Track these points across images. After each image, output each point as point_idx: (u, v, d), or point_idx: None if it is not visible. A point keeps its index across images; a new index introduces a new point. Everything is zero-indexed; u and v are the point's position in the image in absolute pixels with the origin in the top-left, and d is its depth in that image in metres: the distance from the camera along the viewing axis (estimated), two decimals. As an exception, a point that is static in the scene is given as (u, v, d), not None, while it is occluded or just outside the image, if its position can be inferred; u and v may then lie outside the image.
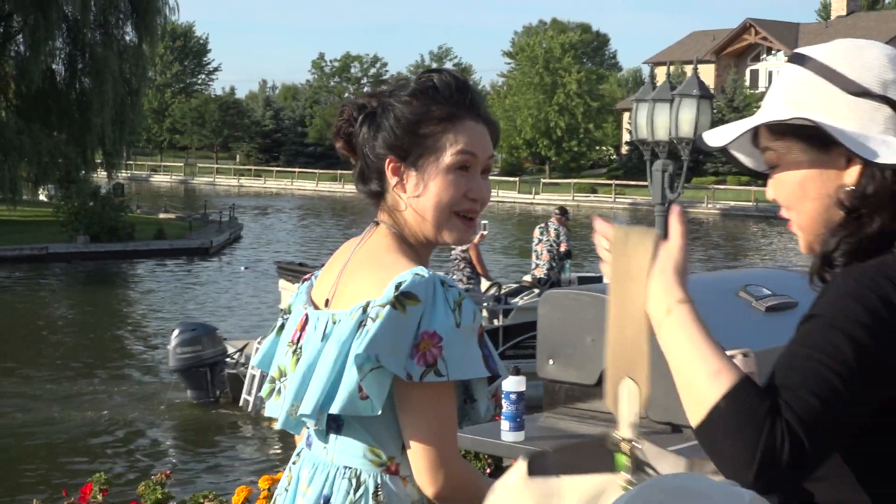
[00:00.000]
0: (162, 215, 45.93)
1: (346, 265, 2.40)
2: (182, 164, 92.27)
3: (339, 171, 77.21)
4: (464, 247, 15.00)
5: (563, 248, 17.47)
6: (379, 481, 2.31)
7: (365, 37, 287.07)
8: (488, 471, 5.98)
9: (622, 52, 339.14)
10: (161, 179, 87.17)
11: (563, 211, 18.31)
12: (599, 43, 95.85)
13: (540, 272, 17.43)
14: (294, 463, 2.48)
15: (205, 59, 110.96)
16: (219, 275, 31.64)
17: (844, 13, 79.69)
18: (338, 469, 2.35)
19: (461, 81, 2.40)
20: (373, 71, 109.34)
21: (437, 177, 2.33)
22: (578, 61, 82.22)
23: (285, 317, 2.54)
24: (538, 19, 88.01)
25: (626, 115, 61.78)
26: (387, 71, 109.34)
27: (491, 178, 2.49)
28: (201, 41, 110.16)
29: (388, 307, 2.20)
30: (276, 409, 2.43)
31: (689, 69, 15.94)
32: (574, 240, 19.17)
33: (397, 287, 2.21)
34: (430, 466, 2.24)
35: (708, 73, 73.52)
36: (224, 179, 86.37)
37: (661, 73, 56.96)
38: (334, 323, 2.30)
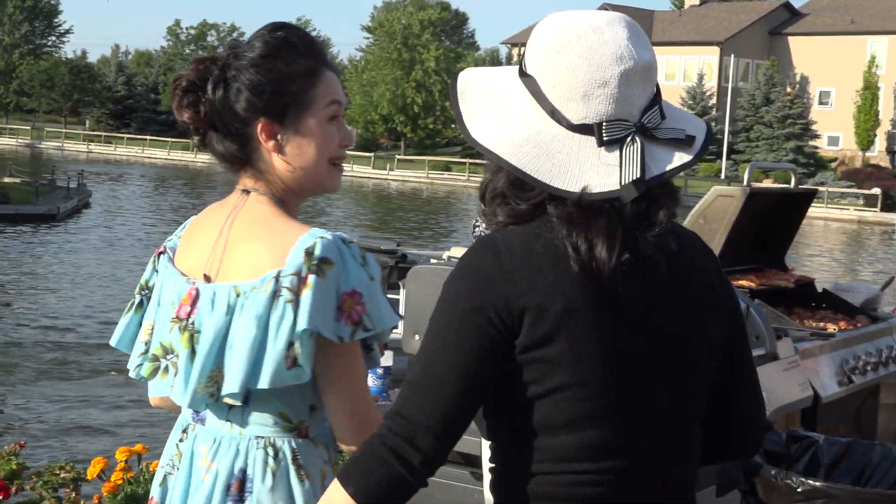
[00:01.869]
0: (6, 179, 44.56)
1: (225, 237, 2.33)
2: (29, 128, 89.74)
3: (191, 140, 75.80)
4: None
5: None
6: (294, 445, 2.29)
7: (223, 5, 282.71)
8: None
9: (480, 32, 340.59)
10: (6, 142, 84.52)
11: None
12: (458, 21, 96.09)
13: None
14: (182, 440, 2.41)
15: (55, 20, 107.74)
16: (63, 242, 30.88)
17: (698, 3, 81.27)
18: (249, 440, 2.31)
19: (309, 35, 2.40)
20: (230, 39, 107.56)
21: (317, 131, 2.32)
22: (437, 39, 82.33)
23: (143, 293, 2.47)
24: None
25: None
26: (244, 41, 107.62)
27: (347, 152, 2.52)
28: (52, 1, 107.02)
29: (313, 276, 2.18)
30: (163, 388, 2.36)
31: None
32: (437, 217, 19.19)
33: (308, 253, 2.19)
34: (360, 423, 2.24)
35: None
36: (73, 145, 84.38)
37: (518, 54, 57.53)
38: (237, 296, 2.25)
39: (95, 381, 14.87)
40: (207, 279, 2.33)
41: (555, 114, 1.93)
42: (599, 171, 1.89)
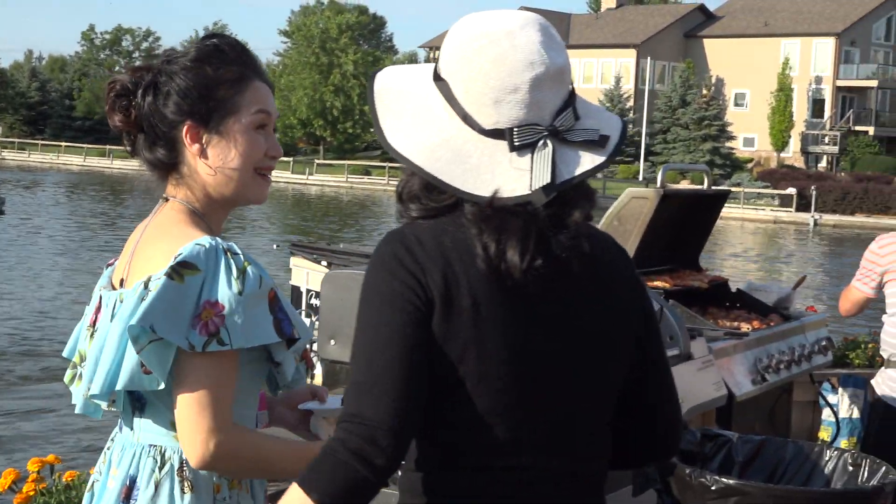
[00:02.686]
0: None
1: (135, 244, 2.37)
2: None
3: (108, 147, 75.15)
4: None
5: None
6: (183, 457, 2.28)
7: (138, 9, 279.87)
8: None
9: (399, 36, 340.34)
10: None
11: None
12: (376, 25, 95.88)
13: None
14: (108, 448, 2.44)
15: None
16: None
17: (614, 6, 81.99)
18: (143, 448, 2.31)
19: (241, 44, 2.42)
20: (145, 45, 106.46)
21: (241, 137, 2.33)
22: (355, 43, 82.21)
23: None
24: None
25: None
26: (160, 45, 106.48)
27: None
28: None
29: (163, 278, 2.18)
30: (77, 394, 2.39)
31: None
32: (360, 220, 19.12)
33: (175, 258, 2.20)
34: (195, 436, 2.20)
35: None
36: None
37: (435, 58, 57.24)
38: (121, 301, 2.27)
39: (8, 392, 14.61)
40: (119, 285, 2.36)
41: (467, 119, 1.94)
42: (511, 176, 1.90)
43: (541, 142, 1.90)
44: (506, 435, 1.91)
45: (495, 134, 1.92)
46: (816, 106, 73.36)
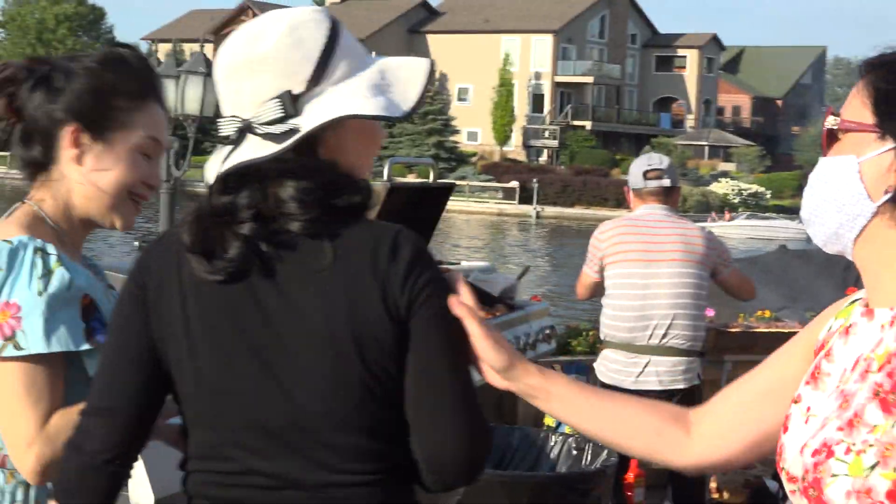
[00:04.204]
0: None
1: None
2: None
3: None
4: None
5: None
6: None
7: None
8: None
9: (119, 27, 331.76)
10: None
11: None
12: (96, 16, 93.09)
13: None
14: None
15: None
16: None
17: (339, 1, 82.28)
18: None
19: (149, 63, 2.31)
20: None
21: (124, 154, 2.21)
22: (74, 34, 79.70)
23: None
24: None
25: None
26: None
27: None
28: None
29: None
30: None
31: (187, 47, 15.96)
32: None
33: None
34: (12, 451, 2.08)
35: (207, 52, 73.48)
36: None
37: (162, 51, 56.35)
38: None
39: None
40: None
41: None
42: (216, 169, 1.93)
43: (235, 134, 1.91)
44: (217, 439, 1.91)
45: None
46: (536, 101, 75.70)
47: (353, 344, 1.82)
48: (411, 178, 41.52)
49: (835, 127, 1.76)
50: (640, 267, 5.18)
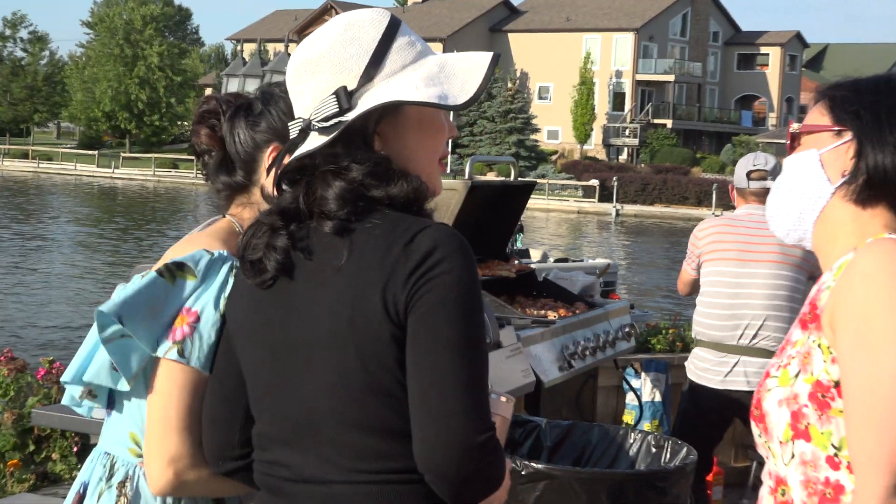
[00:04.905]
0: None
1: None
2: None
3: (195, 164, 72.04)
4: None
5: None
6: (131, 473, 2.17)
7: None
8: (75, 449, 5.82)
9: (205, 28, 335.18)
10: None
11: None
12: (182, 17, 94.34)
13: None
14: None
15: None
16: None
17: (420, 0, 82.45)
18: (100, 454, 2.22)
19: None
20: None
21: None
22: (160, 34, 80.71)
23: None
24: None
25: (208, 91, 61.04)
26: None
27: (70, 151, 2.44)
28: None
29: (153, 273, 2.09)
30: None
31: (271, 47, 16.13)
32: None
33: (175, 258, 2.13)
34: (151, 461, 2.08)
35: (291, 52, 73.98)
36: None
37: (247, 51, 56.82)
38: None
39: None
40: None
41: None
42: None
43: (298, 134, 1.95)
44: (263, 431, 1.98)
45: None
46: (617, 99, 75.25)
47: (352, 341, 1.82)
48: (491, 176, 41.48)
49: (797, 131, 2.15)
50: (734, 266, 5.18)
